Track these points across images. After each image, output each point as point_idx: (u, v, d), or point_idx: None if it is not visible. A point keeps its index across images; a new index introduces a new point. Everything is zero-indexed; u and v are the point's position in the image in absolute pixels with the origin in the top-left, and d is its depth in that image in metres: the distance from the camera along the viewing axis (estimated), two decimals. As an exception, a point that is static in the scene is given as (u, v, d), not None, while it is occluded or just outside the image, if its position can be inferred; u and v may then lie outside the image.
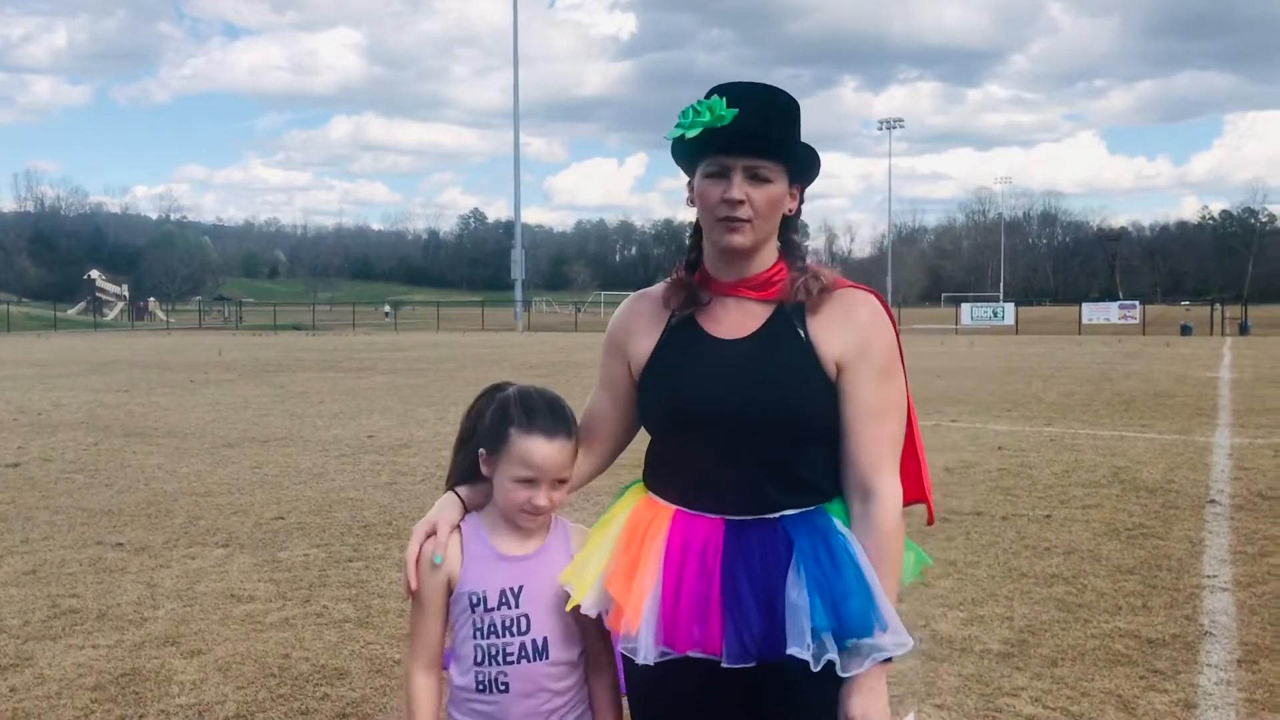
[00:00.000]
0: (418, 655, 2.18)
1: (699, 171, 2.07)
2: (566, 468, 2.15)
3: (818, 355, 2.04)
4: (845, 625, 1.94)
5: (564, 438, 2.13)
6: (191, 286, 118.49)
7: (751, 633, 1.96)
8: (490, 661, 2.13)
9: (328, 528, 7.35)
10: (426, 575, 2.16)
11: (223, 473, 9.69)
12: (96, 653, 4.81)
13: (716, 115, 1.99)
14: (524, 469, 2.10)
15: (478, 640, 2.13)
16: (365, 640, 4.97)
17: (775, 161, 2.03)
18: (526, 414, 2.13)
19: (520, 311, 62.02)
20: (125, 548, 6.79)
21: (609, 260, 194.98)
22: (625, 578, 2.03)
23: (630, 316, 2.24)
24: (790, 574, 1.98)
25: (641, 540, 2.07)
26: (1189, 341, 37.86)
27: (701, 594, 1.99)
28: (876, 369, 2.05)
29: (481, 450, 2.19)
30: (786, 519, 2.03)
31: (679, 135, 2.03)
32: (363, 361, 27.83)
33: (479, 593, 2.13)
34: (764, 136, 2.01)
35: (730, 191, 2.00)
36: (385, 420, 13.87)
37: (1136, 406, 14.99)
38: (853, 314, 2.07)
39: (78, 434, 12.63)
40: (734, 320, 2.10)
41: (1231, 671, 4.49)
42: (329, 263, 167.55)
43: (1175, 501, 8.06)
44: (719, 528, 2.04)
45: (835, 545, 2.00)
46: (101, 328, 70.37)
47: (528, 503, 2.11)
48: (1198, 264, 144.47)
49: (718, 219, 2.03)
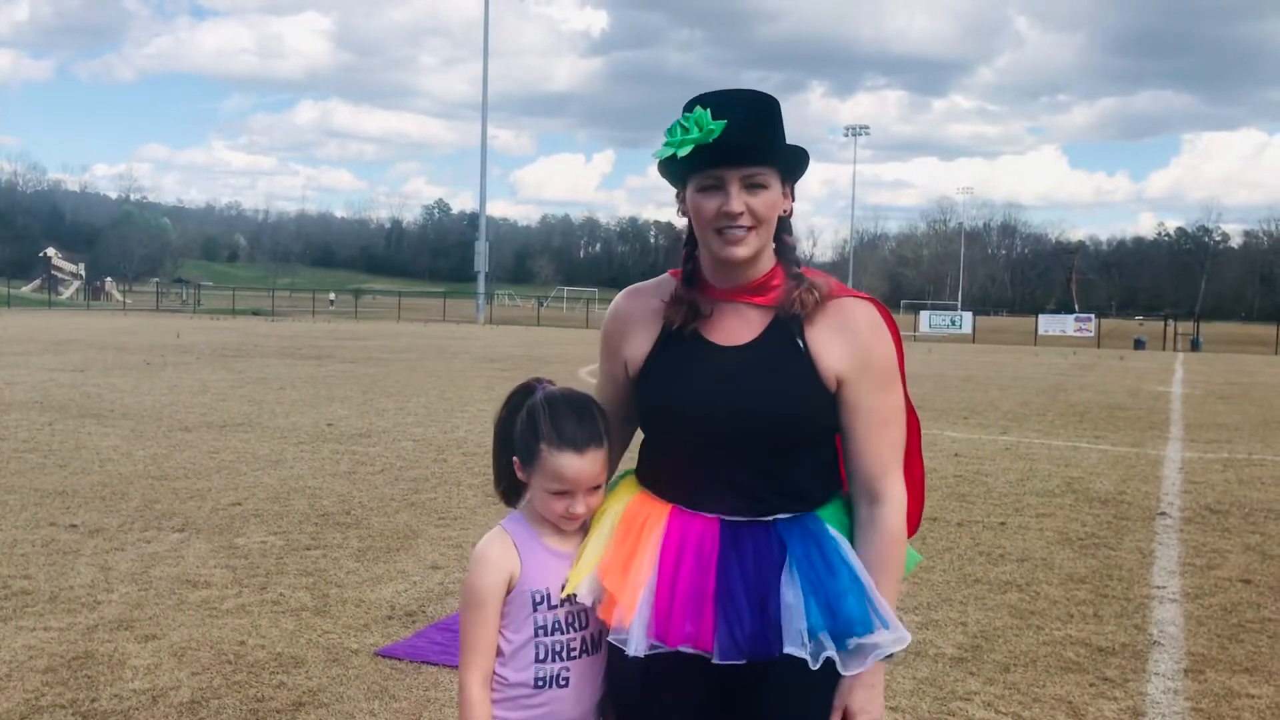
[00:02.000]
0: (476, 666, 2.12)
1: (691, 185, 2.05)
2: (599, 475, 2.13)
3: (816, 366, 2.04)
4: (843, 624, 1.97)
5: (594, 447, 2.11)
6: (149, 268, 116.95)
7: (744, 630, 1.98)
8: (553, 658, 2.12)
9: (285, 515, 7.30)
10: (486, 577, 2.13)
11: (180, 457, 9.59)
12: (48, 635, 4.76)
13: (706, 130, 1.97)
14: (558, 483, 2.09)
15: (540, 638, 2.12)
16: (322, 629, 4.95)
17: (769, 166, 2.02)
18: (555, 427, 2.10)
19: (482, 304, 61.70)
20: (79, 529, 6.71)
21: (573, 255, 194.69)
22: (620, 570, 2.04)
23: (625, 316, 2.22)
24: (784, 576, 2.00)
25: (639, 534, 2.08)
26: (1142, 356, 38.40)
27: (697, 590, 2.00)
28: (878, 379, 2.06)
29: (515, 458, 2.17)
30: (780, 523, 2.05)
31: (670, 155, 2.00)
32: (322, 349, 27.59)
33: (542, 590, 2.12)
34: (755, 145, 2.00)
35: (729, 204, 1.99)
36: (345, 409, 13.78)
37: (1090, 418, 15.20)
38: (851, 324, 2.07)
39: (31, 413, 12.44)
40: (732, 327, 2.10)
41: (1179, 681, 4.59)
42: (290, 248, 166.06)
43: (1126, 513, 8.19)
44: (715, 526, 2.05)
45: (828, 548, 2.03)
46: (56, 306, 69.27)
47: (566, 511, 2.11)
48: (1153, 279, 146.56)
49: (716, 231, 2.02)
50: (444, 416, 13.19)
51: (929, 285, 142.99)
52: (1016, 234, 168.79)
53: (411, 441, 10.96)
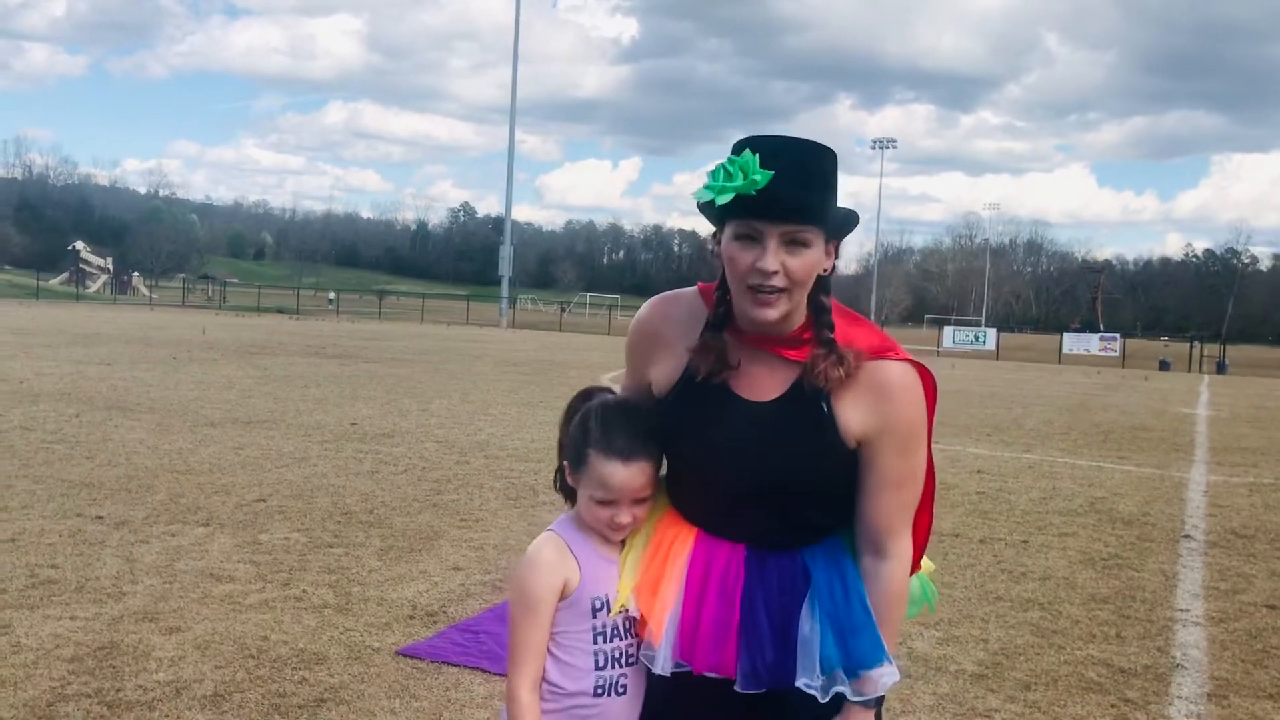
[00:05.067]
0: (526, 670, 2.08)
1: (728, 231, 1.93)
2: (647, 488, 2.10)
3: (839, 430, 1.98)
4: (855, 658, 1.99)
5: (643, 459, 2.08)
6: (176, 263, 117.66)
7: (765, 661, 2.01)
8: (612, 664, 2.11)
9: (309, 512, 7.34)
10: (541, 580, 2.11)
11: (205, 452, 9.66)
12: (74, 624, 4.81)
13: (750, 179, 1.83)
14: (603, 491, 2.08)
15: (600, 645, 2.10)
16: (344, 626, 4.98)
17: (815, 226, 1.90)
18: (605, 435, 2.09)
19: (505, 308, 61.86)
20: (105, 521, 6.77)
21: (596, 262, 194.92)
22: (650, 591, 2.06)
23: (652, 330, 2.15)
24: (804, 607, 2.02)
25: (666, 557, 2.09)
26: (1167, 377, 38.11)
27: (721, 619, 2.02)
28: (900, 443, 1.99)
29: (565, 463, 2.17)
30: (805, 551, 2.06)
31: (710, 201, 1.90)
32: (347, 349, 27.73)
33: (602, 597, 2.11)
34: (802, 205, 1.87)
35: (764, 261, 1.87)
36: (369, 409, 13.84)
37: (1115, 438, 15.10)
38: (881, 389, 1.98)
39: (59, 405, 12.56)
40: (759, 378, 2.03)
41: (1201, 705, 4.55)
42: (316, 247, 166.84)
43: (1150, 534, 8.14)
44: (740, 553, 2.06)
45: (850, 579, 2.04)
46: (84, 300, 69.86)
47: (610, 520, 2.10)
48: (1179, 300, 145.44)
49: (748, 287, 1.91)
50: (467, 419, 13.24)
51: (953, 300, 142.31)
52: (1042, 251, 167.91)
53: (434, 443, 11.00)
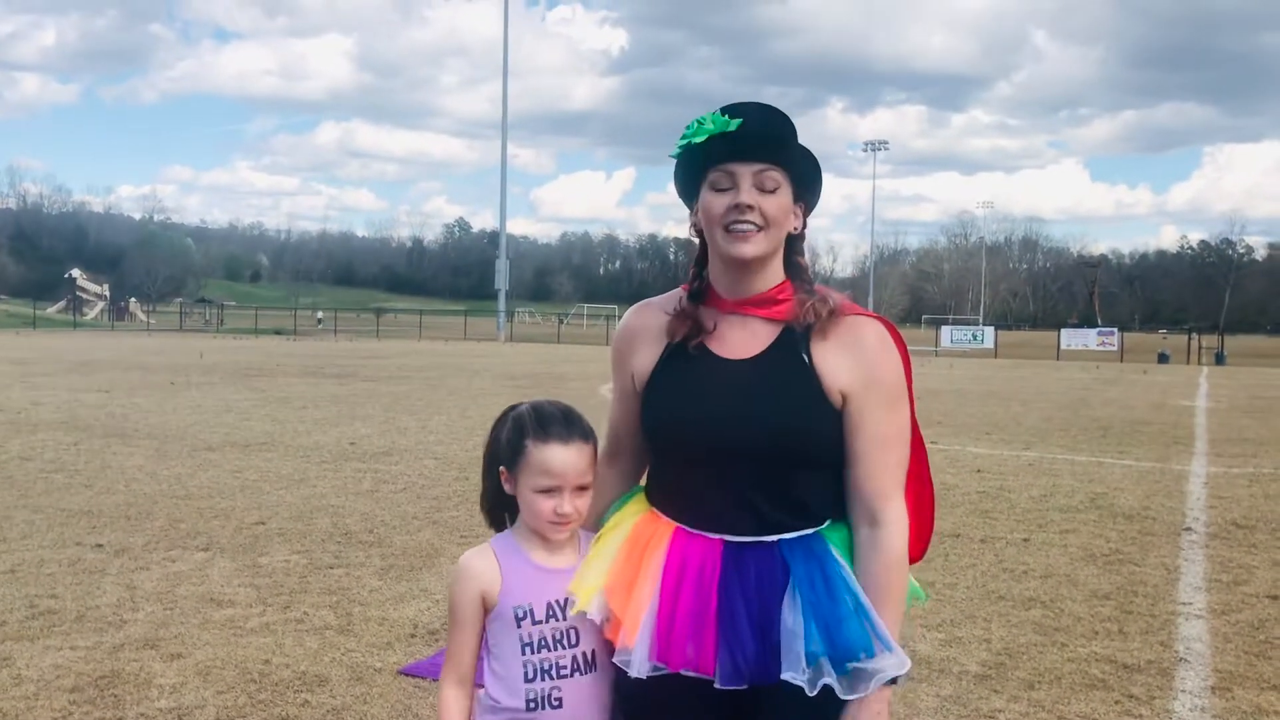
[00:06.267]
0: (450, 671, 2.16)
1: (705, 186, 2.06)
2: (586, 473, 2.12)
3: (821, 382, 2.03)
4: (841, 649, 1.94)
5: (580, 441, 2.12)
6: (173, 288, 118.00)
7: (745, 655, 1.96)
8: (542, 677, 2.08)
9: (309, 534, 7.33)
10: (458, 588, 2.15)
11: (204, 476, 9.66)
12: (75, 654, 4.80)
13: (722, 124, 2.00)
14: (544, 478, 2.09)
15: (527, 656, 2.08)
16: (346, 648, 4.97)
17: (781, 168, 2.04)
18: (540, 424, 2.13)
19: (503, 321, 61.93)
20: (105, 549, 6.76)
21: (593, 272, 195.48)
22: (624, 591, 2.04)
23: (633, 330, 2.23)
24: (786, 599, 1.98)
25: (641, 555, 2.08)
26: (1166, 370, 38.14)
27: (697, 614, 1.99)
28: (884, 398, 2.04)
29: (502, 468, 2.18)
30: (784, 543, 2.03)
31: (685, 144, 2.04)
32: (344, 368, 27.73)
33: (525, 606, 2.09)
34: (769, 139, 2.02)
35: (739, 197, 2.00)
36: (367, 427, 13.83)
37: (1114, 433, 15.10)
38: (859, 342, 2.05)
39: (58, 433, 12.56)
40: (738, 339, 2.09)
41: (1206, 698, 4.55)
42: (312, 268, 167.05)
43: (1151, 528, 8.13)
44: (717, 548, 2.04)
45: (831, 571, 2.01)
46: (81, 327, 69.89)
47: (553, 512, 2.09)
48: (1175, 293, 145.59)
49: (726, 227, 2.02)
50: (465, 435, 13.23)
51: (950, 300, 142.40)
52: (1038, 248, 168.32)
53: (434, 460, 11.00)
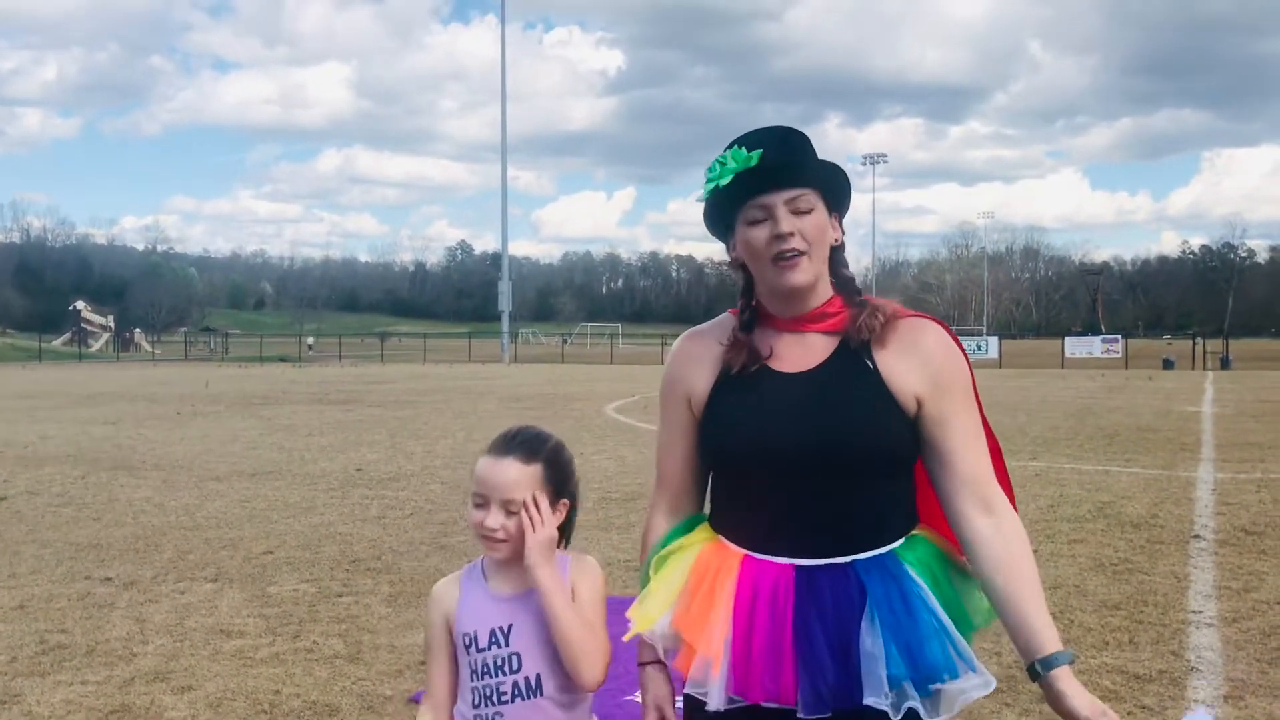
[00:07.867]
0: (425, 698, 2.22)
1: (740, 223, 2.03)
2: (514, 489, 2.10)
3: (889, 387, 1.99)
4: (924, 671, 1.88)
5: (516, 459, 2.12)
6: (177, 318, 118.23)
7: (827, 682, 1.89)
8: (485, 702, 2.12)
9: (317, 562, 7.34)
10: (428, 613, 2.21)
11: (211, 506, 9.67)
12: (86, 689, 4.80)
13: (743, 160, 1.98)
14: (476, 486, 2.13)
15: (474, 682, 2.13)
16: (356, 676, 4.97)
17: (811, 188, 2.01)
18: (493, 440, 2.18)
19: (507, 343, 61.95)
20: (114, 582, 6.77)
21: (595, 292, 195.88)
22: (699, 622, 1.97)
23: (687, 355, 2.17)
24: (864, 622, 1.90)
25: (712, 585, 2.00)
26: (1171, 376, 38.07)
27: (774, 643, 1.91)
28: (959, 396, 2.02)
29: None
30: (859, 564, 1.95)
31: (713, 188, 2.02)
32: (350, 394, 27.75)
33: (470, 633, 2.14)
34: (794, 165, 2.00)
35: (779, 227, 1.97)
36: (373, 453, 13.85)
37: (1120, 441, 15.07)
38: (920, 344, 2.03)
39: (65, 467, 12.58)
40: (796, 355, 2.04)
41: (1219, 707, 4.53)
42: (315, 294, 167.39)
43: (1160, 536, 8.12)
44: (789, 573, 1.96)
45: (909, 590, 1.93)
46: (87, 359, 70.01)
47: (479, 525, 2.11)
48: (1179, 298, 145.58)
49: (772, 259, 1.99)
50: (472, 458, 13.09)
51: (953, 311, 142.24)
52: (1039, 257, 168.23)
53: (440, 484, 11.00)
